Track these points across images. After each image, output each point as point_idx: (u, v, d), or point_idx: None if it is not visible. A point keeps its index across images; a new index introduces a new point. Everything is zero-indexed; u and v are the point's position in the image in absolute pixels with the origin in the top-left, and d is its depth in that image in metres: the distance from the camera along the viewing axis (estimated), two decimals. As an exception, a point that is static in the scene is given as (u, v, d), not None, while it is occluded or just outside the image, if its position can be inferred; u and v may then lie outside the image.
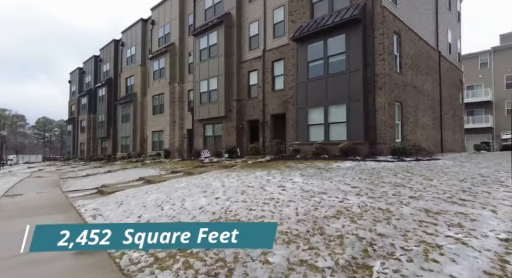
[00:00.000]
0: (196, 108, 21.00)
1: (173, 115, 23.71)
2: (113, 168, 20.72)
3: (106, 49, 35.02)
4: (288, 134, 15.54)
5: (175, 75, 23.72)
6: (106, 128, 33.65)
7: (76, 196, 10.09)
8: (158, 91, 24.75)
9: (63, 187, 13.01)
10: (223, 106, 18.88)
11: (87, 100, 37.87)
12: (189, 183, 9.45)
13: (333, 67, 13.04)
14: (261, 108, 17.30)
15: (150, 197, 7.98)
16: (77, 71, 42.44)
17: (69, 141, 44.83)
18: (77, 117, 41.21)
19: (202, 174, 11.45)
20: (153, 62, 25.47)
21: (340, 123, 12.67)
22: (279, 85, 16.48)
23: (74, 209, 7.71)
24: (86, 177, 17.07)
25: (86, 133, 37.85)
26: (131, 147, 28.62)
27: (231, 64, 18.89)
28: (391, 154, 11.09)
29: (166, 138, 23.74)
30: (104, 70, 35.49)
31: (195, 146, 21.34)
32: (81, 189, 11.93)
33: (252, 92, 18.23)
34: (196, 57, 21.05)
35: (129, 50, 30.22)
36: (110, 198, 8.83)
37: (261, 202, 5.88)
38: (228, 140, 18.80)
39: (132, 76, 29.64)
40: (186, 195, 7.62)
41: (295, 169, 9.89)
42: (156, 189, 9.10)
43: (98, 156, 33.71)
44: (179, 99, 23.54)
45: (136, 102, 28.60)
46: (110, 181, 13.41)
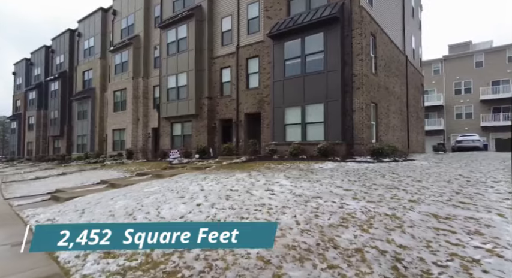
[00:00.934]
0: (163, 105, 19.70)
1: (137, 112, 22.07)
2: (68, 169, 18.65)
3: (59, 39, 31.83)
4: (263, 134, 15.05)
5: (140, 69, 22.11)
6: (59, 126, 30.56)
7: (23, 203, 8.62)
8: (120, 86, 22.90)
9: (6, 192, 11.23)
10: (193, 103, 17.88)
11: (37, 94, 34.15)
12: (162, 187, 8.52)
13: (311, 66, 12.80)
14: (234, 107, 16.62)
15: (117, 204, 6.96)
16: (24, 62, 38.14)
17: (13, 140, 40.15)
18: (23, 113, 37.02)
19: (174, 177, 10.50)
20: (114, 55, 23.52)
21: (318, 123, 12.46)
22: (254, 84, 15.94)
23: (21, 222, 6.45)
24: (36, 180, 15.07)
25: (35, 131, 34.11)
26: (89, 146, 26.23)
27: (202, 59, 17.95)
28: (370, 154, 11.09)
29: (128, 137, 22.03)
30: (57, 62, 32.22)
31: (162, 146, 20.02)
32: (30, 195, 10.33)
33: (224, 90, 17.47)
34: (163, 51, 19.75)
35: (87, 42, 27.71)
36: (67, 205, 7.61)
37: (252, 209, 5.27)
38: (199, 140, 17.84)
39: (91, 69, 27.20)
40: (160, 201, 6.74)
41: (277, 171, 9.40)
42: (123, 194, 8.05)
43: (49, 157, 30.46)
44: (143, 96, 21.97)
45: (95, 98, 26.27)
46: (66, 185, 11.86)
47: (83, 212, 6.52)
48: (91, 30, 27.29)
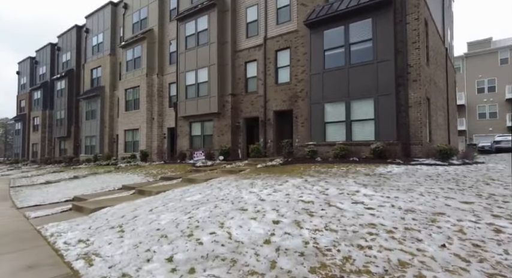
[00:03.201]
0: (181, 104, 18.35)
1: (151, 111, 20.72)
2: (79, 172, 17.30)
3: (66, 36, 30.55)
4: (296, 133, 13.67)
5: (154, 65, 20.77)
6: (66, 126, 29.23)
7: (41, 215, 7.25)
8: (133, 84, 21.56)
9: (17, 200, 9.87)
10: (215, 101, 16.51)
11: (42, 94, 32.86)
12: (206, 195, 7.14)
13: (357, 56, 11.42)
14: (261, 104, 15.25)
15: (162, 218, 5.59)
16: (28, 61, 36.88)
17: (17, 142, 38.86)
18: (28, 114, 35.72)
19: (211, 182, 9.12)
20: (126, 51, 22.19)
21: (366, 121, 11.07)
22: (284, 78, 14.56)
23: (44, 242, 5.07)
24: (47, 184, 13.72)
25: (40, 132, 32.80)
26: (98, 148, 24.87)
27: (224, 53, 16.60)
28: (433, 156, 9.69)
29: (142, 137, 20.67)
30: (63, 60, 30.93)
31: (179, 147, 18.65)
32: (46, 204, 8.97)
33: (249, 86, 16.10)
34: (180, 45, 18.40)
35: (96, 38, 26.40)
36: (96, 219, 6.24)
37: (361, 231, 3.89)
38: (221, 140, 16.46)
39: (99, 67, 25.87)
40: (217, 214, 5.37)
41: (337, 176, 8.01)
42: (162, 205, 6.67)
43: (55, 159, 29.15)
44: (158, 93, 20.62)
45: (104, 97, 24.94)
46: (84, 191, 10.49)
47: (122, 231, 5.14)
48: (100, 26, 25.99)
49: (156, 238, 4.61)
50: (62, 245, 4.74)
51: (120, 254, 4.13)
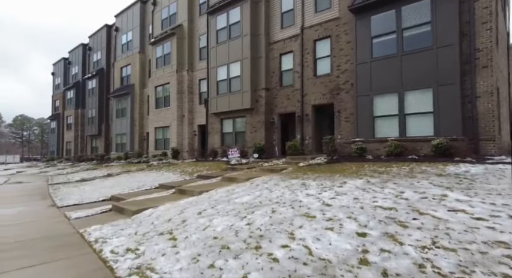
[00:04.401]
0: (212, 100, 17.80)
1: (181, 108, 20.38)
2: (112, 170, 17.25)
3: (96, 36, 31.07)
4: (339, 129, 12.65)
5: (184, 62, 20.38)
6: (97, 125, 29.78)
7: (82, 216, 6.82)
8: (162, 80, 21.33)
9: (56, 198, 9.64)
10: (248, 96, 15.79)
11: (74, 93, 33.75)
12: (256, 197, 6.40)
13: (411, 42, 10.22)
14: (298, 98, 14.33)
15: (215, 224, 4.90)
16: (62, 62, 38.08)
17: (52, 140, 40.37)
18: (62, 113, 36.93)
19: (254, 181, 8.40)
20: (155, 48, 22.00)
21: (424, 114, 9.88)
22: (324, 69, 13.55)
23: (89, 249, 4.52)
24: (82, 182, 13.62)
25: (73, 130, 33.73)
26: (128, 145, 25.01)
27: (257, 45, 15.82)
28: (506, 153, 8.38)
29: (173, 135, 20.39)
30: (94, 59, 31.53)
31: (210, 145, 18.15)
32: (84, 203, 8.63)
33: (284, 79, 15.22)
34: (211, 40, 17.83)
35: (125, 36, 26.54)
36: (141, 222, 5.67)
37: (496, 254, 2.94)
38: (254, 137, 15.73)
39: (129, 65, 25.98)
40: (279, 221, 4.61)
41: (402, 177, 7.00)
42: (211, 207, 6.00)
43: (87, 156, 29.79)
44: (188, 90, 20.23)
45: (134, 95, 25.00)
46: (120, 190, 10.13)
47: (174, 239, 4.49)
48: (129, 24, 26.07)
49: (216, 249, 3.91)
50: (109, 255, 4.15)
51: (179, 271, 3.45)
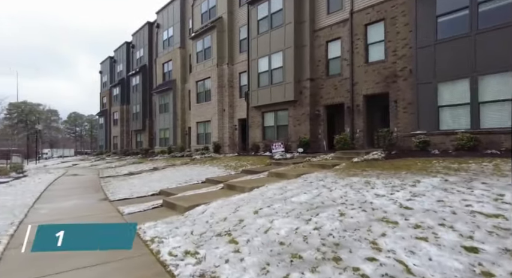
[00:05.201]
0: (253, 93, 17.36)
1: (222, 102, 20.25)
2: (157, 164, 17.65)
3: (139, 33, 32.15)
4: (395, 121, 11.51)
5: (224, 55, 20.15)
6: (141, 120, 30.98)
7: (134, 211, 6.74)
8: (203, 75, 21.35)
9: (108, 192, 9.84)
10: (291, 88, 15.08)
11: (120, 90, 35.43)
12: (315, 196, 5.80)
13: (489, 18, 8.80)
14: (347, 88, 13.33)
15: (277, 226, 4.42)
16: (108, 61, 40.17)
17: (101, 135, 43.04)
18: (109, 109, 39.07)
19: (306, 178, 7.78)
20: (196, 42, 22.04)
21: (504, 102, 8.48)
22: (377, 56, 12.40)
23: (146, 250, 4.26)
24: (130, 176, 14.00)
25: (119, 126, 35.52)
26: (171, 140, 25.62)
27: (301, 34, 14.98)
28: None
29: (214, 129, 20.37)
30: (137, 57, 32.72)
31: (251, 139, 17.79)
32: (134, 197, 8.65)
33: (331, 68, 14.27)
34: (252, 30, 17.31)
35: (166, 32, 27.03)
36: (195, 221, 5.35)
37: None
38: (298, 131, 15.03)
39: (170, 61, 26.47)
40: (353, 226, 4.02)
41: (490, 175, 5.94)
42: (267, 206, 5.52)
43: (133, 150, 31.20)
44: (229, 84, 20.00)
45: (175, 90, 25.45)
46: (168, 184, 10.10)
47: (235, 242, 4.06)
48: (170, 20, 26.48)
49: (286, 258, 3.40)
50: (168, 258, 3.84)
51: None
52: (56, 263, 3.85)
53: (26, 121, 64.59)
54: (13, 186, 11.80)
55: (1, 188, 11.51)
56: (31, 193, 9.60)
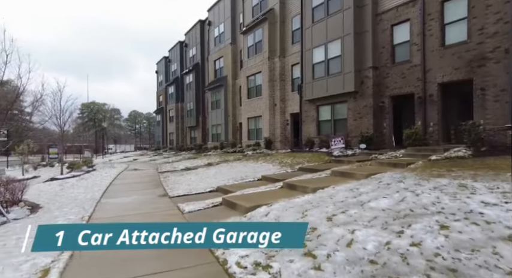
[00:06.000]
0: (307, 85, 16.46)
1: (273, 97, 19.69)
2: (211, 159, 17.81)
3: (191, 32, 33.08)
4: (482, 112, 9.75)
5: (276, 48, 19.52)
6: (195, 116, 31.96)
7: (194, 210, 6.51)
8: (254, 70, 21.00)
9: (167, 187, 9.94)
10: (351, 78, 13.87)
11: (174, 89, 37.02)
12: (398, 202, 4.89)
13: None
14: (418, 76, 11.76)
15: (360, 237, 3.69)
16: (163, 61, 42.27)
17: (158, 131, 45.68)
18: (165, 107, 41.17)
19: (381, 178, 6.81)
20: (247, 37, 21.75)
21: None
22: (457, 37, 10.63)
23: (211, 257, 3.86)
24: (187, 171, 14.22)
25: (175, 122, 37.20)
26: (223, 136, 25.91)
27: (362, 18, 13.65)
28: None
29: (265, 125, 19.95)
30: (190, 55, 33.77)
31: (305, 134, 16.94)
32: (193, 194, 8.53)
33: (398, 54, 12.76)
34: (306, 19, 16.37)
35: (217, 29, 27.28)
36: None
37: None
38: (359, 125, 13.80)
39: (221, 57, 26.68)
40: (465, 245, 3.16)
41: None
42: (341, 212, 4.78)
43: (187, 146, 32.39)
44: (280, 77, 19.35)
45: (227, 86, 25.60)
46: (224, 181, 9.87)
47: (312, 256, 3.43)
48: (221, 16, 26.63)
49: None
50: (237, 270, 3.37)
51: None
52: (115, 268, 3.64)
53: (94, 119, 71.70)
54: (84, 179, 12.73)
55: (75, 181, 12.49)
56: (98, 187, 10.14)
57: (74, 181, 12.52)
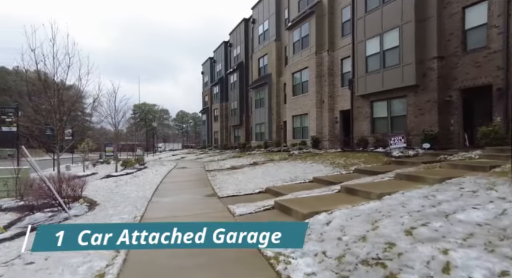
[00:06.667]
0: (359, 80, 15.29)
1: (320, 93, 18.75)
2: (256, 159, 17.50)
3: (235, 32, 33.24)
4: None
5: (324, 41, 18.55)
6: (239, 115, 32.09)
7: (244, 213, 6.10)
8: (300, 66, 20.23)
9: (215, 187, 9.75)
10: (411, 70, 12.50)
11: (219, 88, 37.61)
12: (498, 215, 3.91)
13: None
14: (498, 64, 10.11)
15: (459, 260, 2.89)
16: (208, 61, 43.23)
17: (203, 130, 46.93)
18: (210, 107, 42.09)
19: (462, 183, 5.73)
20: (292, 32, 21.05)
21: None
22: (553, 15, 8.87)
23: (272, 273, 3.38)
24: (234, 170, 14.04)
25: (219, 122, 37.80)
26: (266, 134, 25.54)
27: (425, 3, 12.21)
28: None
29: (312, 123, 19.09)
30: (234, 55, 33.98)
31: (356, 132, 15.79)
32: (242, 194, 8.19)
33: (471, 41, 11.14)
34: (358, 9, 15.20)
35: (261, 26, 26.95)
36: (322, 235, 4.23)
37: None
38: (421, 122, 12.38)
39: (266, 55, 26.31)
40: None
41: None
42: (421, 224, 3.95)
43: (231, 145, 32.68)
44: (329, 72, 18.34)
45: (271, 84, 25.15)
46: (273, 181, 9.40)
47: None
48: (265, 13, 26.25)
49: None
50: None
51: None
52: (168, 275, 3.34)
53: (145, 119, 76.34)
54: (136, 177, 13.20)
55: (128, 178, 13.01)
56: (149, 185, 10.32)
57: (127, 178, 13.04)
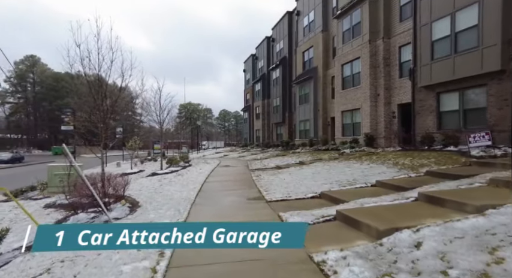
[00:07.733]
0: (423, 69, 13.33)
1: (375, 85, 16.93)
2: (301, 158, 16.35)
3: (279, 26, 32.15)
4: None
5: (378, 28, 16.70)
6: (281, 113, 31.03)
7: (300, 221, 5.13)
8: (351, 56, 18.54)
9: (261, 188, 8.89)
10: (495, 53, 10.38)
11: (261, 86, 36.86)
12: None
13: None
14: None
15: None
16: (250, 59, 42.73)
17: (245, 128, 46.67)
18: (252, 105, 41.60)
19: None
20: (342, 21, 19.39)
21: None
22: None
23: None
24: (278, 170, 13.09)
25: (261, 119, 37.10)
26: (311, 132, 24.13)
27: (514, -30, 10.02)
28: None
29: (365, 118, 17.34)
30: (277, 50, 32.95)
31: (419, 129, 13.84)
32: (292, 199, 7.21)
33: None
34: (422, -13, 13.22)
35: (307, 18, 25.52)
36: (414, 263, 3.08)
37: None
38: (507, 116, 10.22)
39: (311, 47, 24.85)
40: None
41: None
42: None
43: (273, 142, 31.76)
44: (384, 62, 16.46)
45: (316, 78, 23.67)
46: (326, 184, 8.26)
47: None
48: (310, 4, 24.77)
49: None
50: None
51: None
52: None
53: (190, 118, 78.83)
54: (180, 175, 12.89)
55: (172, 177, 12.76)
56: (193, 185, 9.81)
57: (171, 176, 12.80)
